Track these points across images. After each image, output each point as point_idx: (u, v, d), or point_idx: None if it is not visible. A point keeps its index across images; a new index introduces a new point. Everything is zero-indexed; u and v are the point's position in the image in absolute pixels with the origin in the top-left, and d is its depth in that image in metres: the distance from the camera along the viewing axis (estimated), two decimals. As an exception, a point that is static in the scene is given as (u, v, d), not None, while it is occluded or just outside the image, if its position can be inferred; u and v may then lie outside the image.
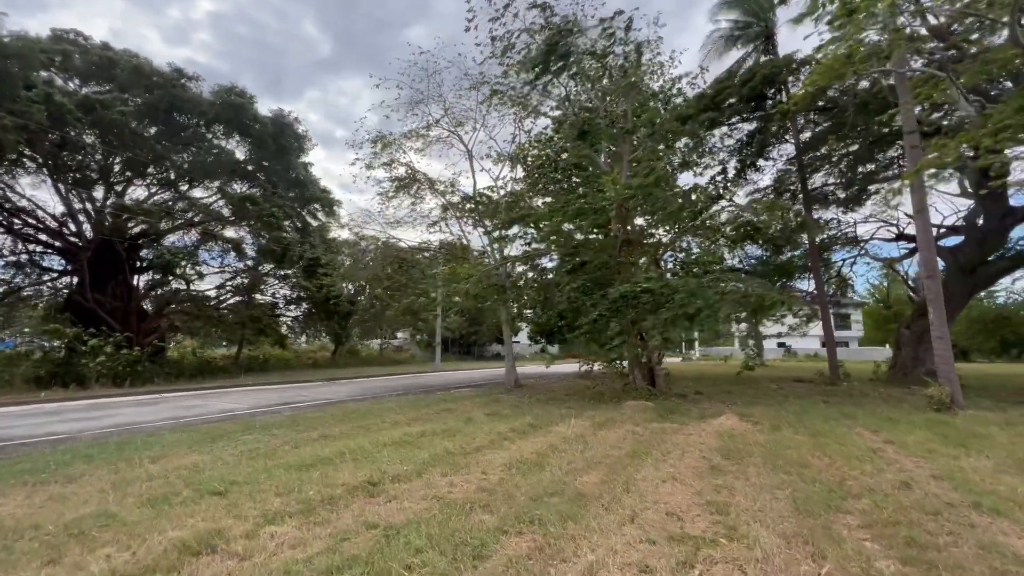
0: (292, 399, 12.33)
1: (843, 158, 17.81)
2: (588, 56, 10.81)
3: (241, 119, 20.22)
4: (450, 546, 3.08)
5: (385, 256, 16.47)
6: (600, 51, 10.69)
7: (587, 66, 11.27)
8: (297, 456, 5.62)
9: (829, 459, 5.40)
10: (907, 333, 16.91)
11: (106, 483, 4.60)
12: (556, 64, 10.41)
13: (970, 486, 4.31)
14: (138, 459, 5.47)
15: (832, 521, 3.50)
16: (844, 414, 8.62)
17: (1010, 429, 7.23)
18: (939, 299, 10.15)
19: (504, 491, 4.24)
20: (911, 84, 10.15)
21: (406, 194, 16.74)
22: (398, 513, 3.75)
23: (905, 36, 8.98)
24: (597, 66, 11.11)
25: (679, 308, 8.13)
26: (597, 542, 3.14)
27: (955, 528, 3.33)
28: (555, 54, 10.14)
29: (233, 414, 9.73)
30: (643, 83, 10.99)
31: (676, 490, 4.29)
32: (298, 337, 29.94)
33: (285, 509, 3.84)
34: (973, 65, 9.21)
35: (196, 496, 4.19)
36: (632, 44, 10.79)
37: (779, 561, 2.83)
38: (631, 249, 10.89)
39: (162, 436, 7.05)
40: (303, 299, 26.23)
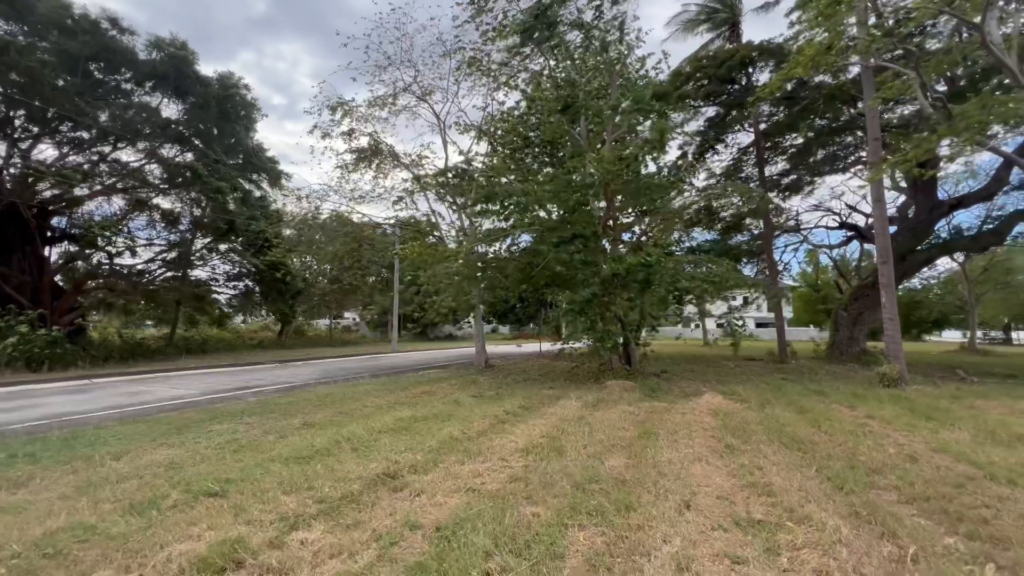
0: (249, 383, 11.39)
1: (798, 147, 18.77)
2: (574, 27, 10.44)
3: (180, 78, 18.07)
4: (519, 546, 2.81)
5: (348, 233, 15.48)
6: (586, 22, 10.35)
7: (570, 38, 10.91)
8: (288, 447, 5.09)
9: (828, 435, 5.62)
10: (844, 315, 18.30)
11: (67, 487, 3.90)
12: (542, 31, 9.96)
13: (968, 458, 4.59)
14: (98, 456, 4.71)
15: (875, 498, 3.57)
16: (814, 391, 9.12)
17: (959, 403, 7.92)
18: (891, 283, 10.92)
19: (539, 480, 4.01)
20: (878, 79, 10.68)
21: (368, 167, 15.77)
22: (435, 509, 3.42)
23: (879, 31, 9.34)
24: (581, 38, 10.78)
25: (670, 284, 8.19)
26: (668, 531, 2.99)
27: (987, 500, 3.49)
28: (543, 21, 9.68)
29: (188, 401, 8.79)
30: (626, 59, 10.80)
31: (709, 472, 4.25)
32: (240, 316, 27.90)
33: (303, 510, 3.40)
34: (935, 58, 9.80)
35: (189, 499, 3.62)
36: (618, 18, 10.53)
37: (859, 543, 2.80)
38: (613, 227, 10.83)
39: (112, 428, 6.18)
40: (246, 275, 24.37)
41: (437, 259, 17.39)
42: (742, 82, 15.92)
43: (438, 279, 10.36)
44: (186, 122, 19.96)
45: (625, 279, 8.48)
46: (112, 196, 20.13)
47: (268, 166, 23.33)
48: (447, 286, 9.95)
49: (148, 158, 19.62)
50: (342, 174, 15.82)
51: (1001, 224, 15.79)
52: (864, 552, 2.70)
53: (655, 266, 8.18)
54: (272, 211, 24.07)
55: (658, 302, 8.64)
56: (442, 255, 16.76)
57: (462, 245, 9.98)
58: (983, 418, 6.52)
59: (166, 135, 19.96)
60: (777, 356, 17.05)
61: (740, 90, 15.69)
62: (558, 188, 8.82)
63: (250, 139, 22.72)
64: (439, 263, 14.54)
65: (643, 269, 8.19)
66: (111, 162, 19.32)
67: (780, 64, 15.04)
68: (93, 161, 19.43)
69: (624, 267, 8.37)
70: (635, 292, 8.52)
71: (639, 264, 8.16)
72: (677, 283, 8.29)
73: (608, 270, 8.46)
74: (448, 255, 9.99)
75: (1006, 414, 6.85)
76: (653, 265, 8.17)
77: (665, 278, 8.36)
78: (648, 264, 8.18)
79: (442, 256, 16.72)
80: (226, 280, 24.56)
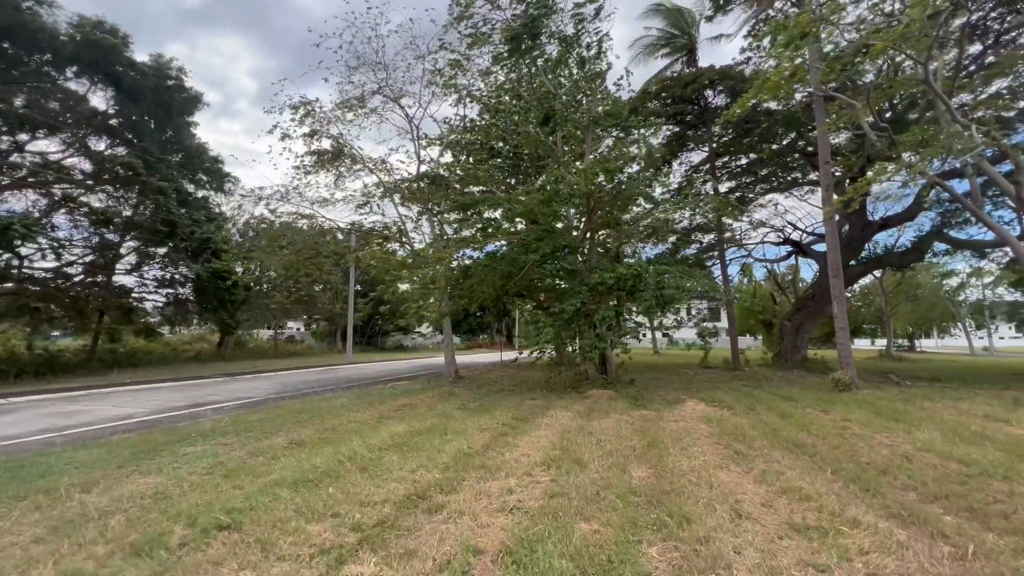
0: (203, 399, 10.40)
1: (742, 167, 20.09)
2: (556, 39, 10.58)
3: (110, 63, 16.46)
4: (601, 567, 2.68)
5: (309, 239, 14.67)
6: (568, 36, 10.53)
7: (551, 51, 11.06)
8: (286, 470, 4.63)
9: (822, 439, 5.91)
10: (788, 325, 19.65)
11: (38, 528, 3.30)
12: (527, 41, 10.02)
13: (953, 456, 4.98)
14: (62, 489, 4.05)
15: (901, 499, 3.76)
16: (782, 397, 9.63)
17: (911, 405, 8.62)
18: (842, 295, 11.82)
19: (578, 494, 3.88)
20: (829, 108, 11.64)
21: (331, 170, 15.09)
22: (486, 531, 3.21)
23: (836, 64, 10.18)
24: (559, 51, 10.95)
25: (656, 292, 8.40)
26: (736, 542, 2.97)
27: (996, 496, 3.77)
28: (529, 30, 9.74)
29: (139, 421, 7.85)
30: (605, 73, 11.09)
31: (736, 479, 4.32)
32: (171, 326, 25.59)
33: (341, 540, 3.08)
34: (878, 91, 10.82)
35: (197, 534, 3.17)
36: (597, 34, 10.80)
37: (918, 544, 2.91)
38: (591, 238, 10.98)
39: (63, 455, 5.37)
40: (182, 283, 22.43)
41: (397, 267, 16.91)
42: (700, 104, 16.84)
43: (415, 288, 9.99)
44: (118, 113, 18.21)
45: (612, 288, 8.61)
46: (26, 190, 17.94)
47: (212, 166, 21.77)
48: (426, 294, 9.60)
49: (75, 150, 17.67)
50: (300, 176, 15.03)
51: (921, 242, 17.63)
52: (927, 553, 2.81)
53: (644, 275, 8.38)
54: (216, 214, 22.43)
55: (645, 310, 8.82)
56: (403, 263, 16.34)
57: (444, 251, 9.69)
58: (940, 419, 7.13)
59: (93, 126, 18.11)
60: (731, 364, 17.93)
61: (699, 111, 16.60)
62: (546, 198, 8.83)
63: (191, 135, 21.12)
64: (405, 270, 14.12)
65: (633, 278, 8.36)
66: (29, 153, 17.21)
67: (735, 88, 16.11)
68: (3, 151, 17.23)
69: (615, 276, 8.49)
70: (620, 300, 8.66)
71: (630, 273, 8.32)
72: (662, 291, 8.51)
73: (598, 279, 8.55)
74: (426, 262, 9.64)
75: (956, 415, 7.53)
76: (642, 274, 8.36)
77: (650, 286, 8.57)
78: (638, 274, 8.35)
79: (402, 264, 16.29)
80: (156, 287, 22.44)
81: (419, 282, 9.12)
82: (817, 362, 18.43)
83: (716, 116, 16.90)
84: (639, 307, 8.75)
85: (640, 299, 8.51)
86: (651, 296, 8.60)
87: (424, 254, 9.91)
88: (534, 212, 9.20)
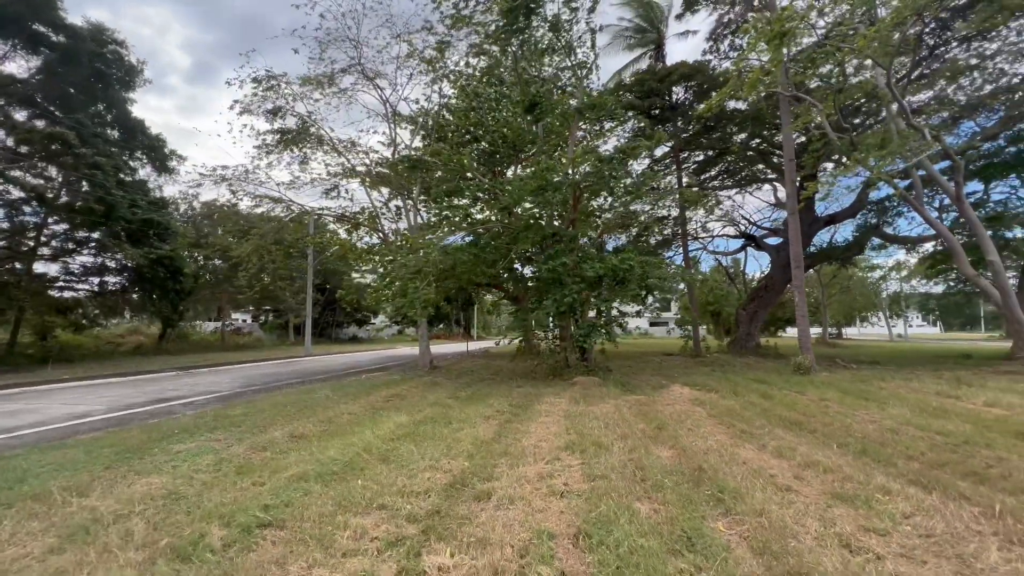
0: (163, 395, 9.62)
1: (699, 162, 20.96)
2: (548, 24, 10.49)
3: (36, 22, 14.68)
4: (681, 542, 2.72)
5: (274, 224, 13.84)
6: (561, 20, 10.46)
7: (540, 35, 10.97)
8: (304, 463, 4.38)
9: (812, 417, 6.29)
10: (743, 314, 20.80)
11: (48, 537, 2.93)
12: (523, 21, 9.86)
13: (931, 428, 5.46)
14: (55, 493, 3.61)
15: (910, 467, 4.07)
16: (756, 380, 10.18)
17: (870, 384, 9.36)
18: (802, 285, 12.63)
19: (618, 476, 3.93)
20: (794, 111, 12.33)
21: (295, 151, 14.30)
22: (545, 515, 3.19)
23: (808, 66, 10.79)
24: (549, 38, 10.88)
25: (641, 282, 8.61)
26: (793, 513, 3.11)
27: (988, 462, 4.17)
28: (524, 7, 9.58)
29: (101, 418, 7.14)
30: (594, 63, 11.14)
31: (757, 456, 4.52)
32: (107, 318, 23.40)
33: (402, 532, 2.95)
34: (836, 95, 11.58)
35: (240, 535, 2.93)
36: (589, 23, 10.81)
37: (950, 507, 3.17)
38: (574, 226, 11.06)
39: (29, 457, 4.79)
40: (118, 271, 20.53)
41: (359, 256, 16.34)
42: (669, 98, 17.33)
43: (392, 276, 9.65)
44: (44, 81, 16.28)
45: (602, 278, 8.73)
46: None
47: (154, 143, 20.00)
48: (405, 283, 9.29)
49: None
50: (262, 156, 14.14)
51: (860, 238, 19.14)
52: (960, 513, 3.06)
53: (635, 266, 8.56)
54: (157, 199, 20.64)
55: (631, 299, 9.04)
56: (369, 251, 15.82)
57: (432, 236, 9.40)
58: (901, 397, 7.81)
59: (9, 94, 16.09)
60: (692, 351, 18.77)
61: (668, 105, 17.09)
62: (539, 186, 8.77)
63: (129, 109, 19.26)
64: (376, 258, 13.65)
65: (624, 269, 8.52)
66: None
67: (701, 85, 16.70)
68: None
69: (609, 267, 8.62)
70: (611, 290, 8.83)
71: (624, 264, 8.47)
72: (648, 281, 8.75)
73: (591, 270, 8.65)
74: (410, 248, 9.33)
75: (913, 393, 8.25)
76: (633, 266, 8.54)
77: (637, 277, 8.78)
78: (631, 265, 8.52)
79: (368, 252, 15.76)
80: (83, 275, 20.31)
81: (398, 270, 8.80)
82: (770, 348, 19.67)
83: (683, 111, 17.45)
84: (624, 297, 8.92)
85: (628, 289, 8.69)
86: (637, 286, 8.81)
87: (409, 240, 9.57)
88: (523, 201, 9.12)
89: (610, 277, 8.85)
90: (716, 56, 17.75)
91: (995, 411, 6.59)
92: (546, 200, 8.82)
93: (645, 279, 8.85)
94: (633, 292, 8.69)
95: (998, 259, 10.74)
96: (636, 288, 8.65)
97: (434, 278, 8.34)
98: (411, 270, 8.58)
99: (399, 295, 8.55)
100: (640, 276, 8.77)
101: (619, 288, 8.88)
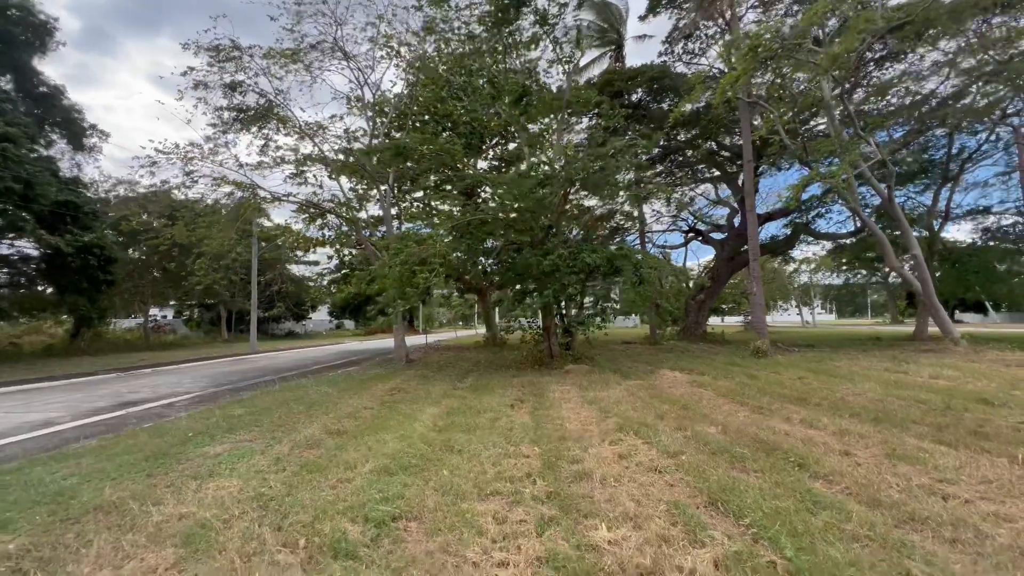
0: (125, 399, 8.66)
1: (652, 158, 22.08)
2: (536, 16, 10.56)
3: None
4: (812, 502, 3.02)
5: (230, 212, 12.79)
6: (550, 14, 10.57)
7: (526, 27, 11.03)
8: (374, 457, 4.24)
9: (805, 393, 6.99)
10: (693, 303, 22.27)
11: (165, 549, 2.67)
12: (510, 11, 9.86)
13: (910, 399, 6.31)
14: (129, 502, 3.25)
15: (921, 431, 4.73)
16: (730, 363, 11.03)
17: (825, 364, 10.47)
18: (758, 276, 13.82)
19: (693, 451, 4.22)
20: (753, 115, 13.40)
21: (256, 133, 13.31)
22: (658, 490, 3.38)
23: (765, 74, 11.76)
24: (538, 32, 10.97)
25: (635, 271, 9.06)
26: (867, 474, 3.54)
27: (979, 423, 4.92)
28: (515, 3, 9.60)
29: (73, 426, 6.32)
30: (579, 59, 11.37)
31: (792, 428, 5.01)
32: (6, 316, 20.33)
33: (544, 512, 3.03)
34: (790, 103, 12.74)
35: (381, 529, 2.85)
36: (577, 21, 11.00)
37: (981, 460, 3.76)
38: (561, 220, 11.32)
39: (31, 471, 4.19)
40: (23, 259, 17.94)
41: (311, 245, 15.65)
42: (630, 99, 18.07)
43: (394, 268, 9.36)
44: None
45: (597, 268, 9.07)
46: None
47: (70, 116, 17.59)
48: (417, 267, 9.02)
49: None
50: (218, 135, 13.01)
51: (793, 234, 21.18)
52: (994, 465, 3.65)
53: (632, 257, 8.97)
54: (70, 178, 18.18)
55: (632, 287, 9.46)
56: (321, 243, 15.19)
57: (438, 230, 9.17)
58: (861, 374, 8.86)
59: None
60: (650, 339, 19.84)
61: (631, 105, 17.82)
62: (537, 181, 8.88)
63: (39, 75, 16.77)
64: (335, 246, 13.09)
65: (622, 259, 8.91)
66: None
67: (663, 87, 17.59)
68: None
69: (604, 258, 8.95)
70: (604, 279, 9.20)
71: (621, 255, 8.84)
72: (641, 271, 9.22)
73: (592, 261, 8.93)
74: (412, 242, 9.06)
75: (867, 370, 9.39)
76: (630, 256, 8.94)
77: (631, 267, 9.22)
78: (627, 255, 8.91)
79: (320, 243, 15.12)
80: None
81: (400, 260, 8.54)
82: (717, 335, 21.26)
83: (644, 111, 18.27)
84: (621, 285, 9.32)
85: (625, 278, 9.10)
86: (631, 276, 9.26)
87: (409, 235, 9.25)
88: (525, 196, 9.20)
89: (606, 267, 9.24)
90: (671, 58, 18.83)
91: (941, 383, 7.69)
92: (539, 198, 8.95)
93: (639, 268, 9.31)
94: (631, 281, 9.09)
95: (920, 253, 12.45)
96: (631, 277, 9.07)
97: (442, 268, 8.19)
98: (415, 260, 8.38)
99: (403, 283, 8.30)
100: (635, 265, 9.22)
101: (614, 277, 9.27)
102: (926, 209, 18.44)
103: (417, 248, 8.65)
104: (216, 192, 13.45)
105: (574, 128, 17.13)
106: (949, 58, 13.19)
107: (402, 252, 8.36)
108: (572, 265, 8.91)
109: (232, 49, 11.56)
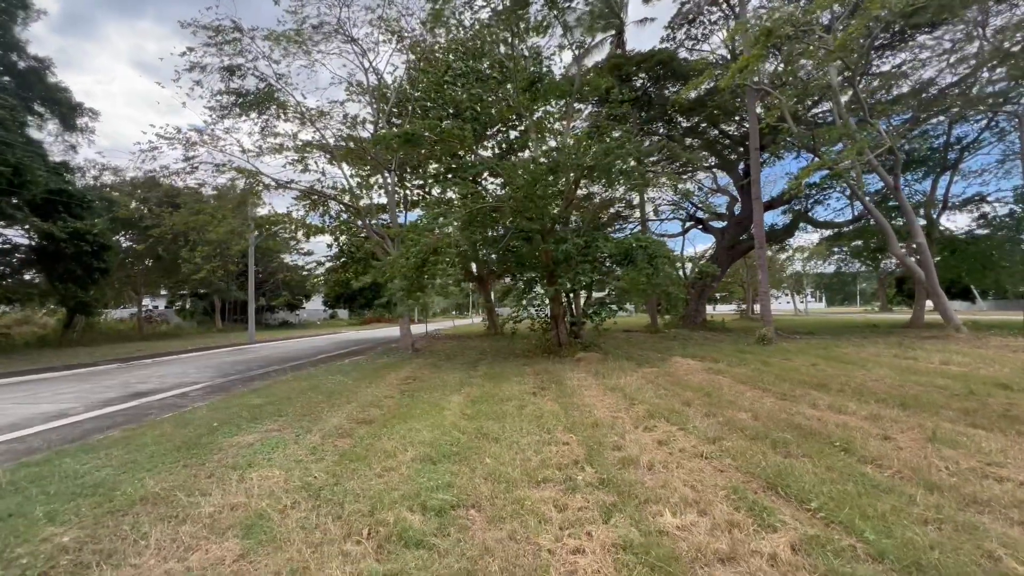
0: (135, 389, 8.51)
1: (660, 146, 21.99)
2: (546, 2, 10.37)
3: None
4: (870, 485, 3.03)
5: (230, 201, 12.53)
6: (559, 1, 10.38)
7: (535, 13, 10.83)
8: (412, 446, 4.20)
9: (825, 379, 7.06)
10: (692, 291, 22.38)
11: (227, 541, 2.61)
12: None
13: (928, 384, 6.38)
14: (178, 493, 3.18)
15: (950, 415, 4.78)
16: (739, 351, 11.11)
17: (832, 351, 10.60)
18: (765, 264, 13.87)
19: (733, 437, 4.22)
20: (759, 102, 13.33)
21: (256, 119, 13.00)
22: (709, 475, 3.37)
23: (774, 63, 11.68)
24: (548, 17, 10.77)
25: (650, 260, 9.04)
26: (912, 456, 3.56)
27: (1004, 406, 4.99)
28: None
29: (89, 416, 6.18)
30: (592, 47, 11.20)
31: (827, 415, 5.04)
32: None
33: (604, 499, 3.01)
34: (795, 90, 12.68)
35: (438, 517, 2.82)
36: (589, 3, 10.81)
37: (1021, 442, 3.80)
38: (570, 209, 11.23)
39: (59, 462, 4.08)
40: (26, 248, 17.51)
41: (313, 232, 15.43)
42: (634, 85, 17.90)
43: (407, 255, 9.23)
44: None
45: (613, 257, 9.02)
46: None
47: (56, 96, 17.03)
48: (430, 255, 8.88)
49: None
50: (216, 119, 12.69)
51: (793, 222, 21.28)
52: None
53: (648, 246, 8.94)
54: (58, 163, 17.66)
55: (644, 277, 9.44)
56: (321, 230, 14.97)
57: (449, 218, 9.02)
58: (871, 360, 8.96)
59: None
60: (651, 327, 19.94)
61: (634, 91, 17.66)
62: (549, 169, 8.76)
63: (21, 47, 16.12)
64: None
65: (639, 248, 8.88)
66: None
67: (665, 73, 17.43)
68: None
69: (622, 248, 8.90)
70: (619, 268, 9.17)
71: (639, 244, 8.80)
72: (654, 259, 9.20)
73: (608, 250, 8.88)
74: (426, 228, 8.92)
75: (876, 356, 9.51)
76: (647, 245, 8.92)
77: (647, 256, 9.20)
78: (644, 245, 8.88)
79: (320, 230, 14.93)
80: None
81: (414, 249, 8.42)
82: (717, 323, 21.41)
83: (647, 96, 18.12)
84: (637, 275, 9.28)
85: (639, 267, 9.07)
86: (645, 264, 9.23)
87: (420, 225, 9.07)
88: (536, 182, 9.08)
89: (620, 256, 9.20)
90: (672, 44, 18.66)
91: (954, 368, 7.80)
92: (550, 184, 8.83)
93: (653, 258, 9.28)
94: (647, 270, 9.06)
95: (924, 241, 12.57)
96: (645, 265, 9.04)
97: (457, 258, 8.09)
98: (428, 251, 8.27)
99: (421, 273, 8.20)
100: (650, 255, 9.19)
101: (628, 267, 9.25)
102: (924, 197, 18.59)
103: (431, 238, 8.53)
104: (218, 179, 13.18)
105: (580, 115, 16.98)
106: (954, 45, 13.20)
107: (418, 242, 8.24)
108: (586, 254, 8.85)
109: (233, 30, 11.21)
